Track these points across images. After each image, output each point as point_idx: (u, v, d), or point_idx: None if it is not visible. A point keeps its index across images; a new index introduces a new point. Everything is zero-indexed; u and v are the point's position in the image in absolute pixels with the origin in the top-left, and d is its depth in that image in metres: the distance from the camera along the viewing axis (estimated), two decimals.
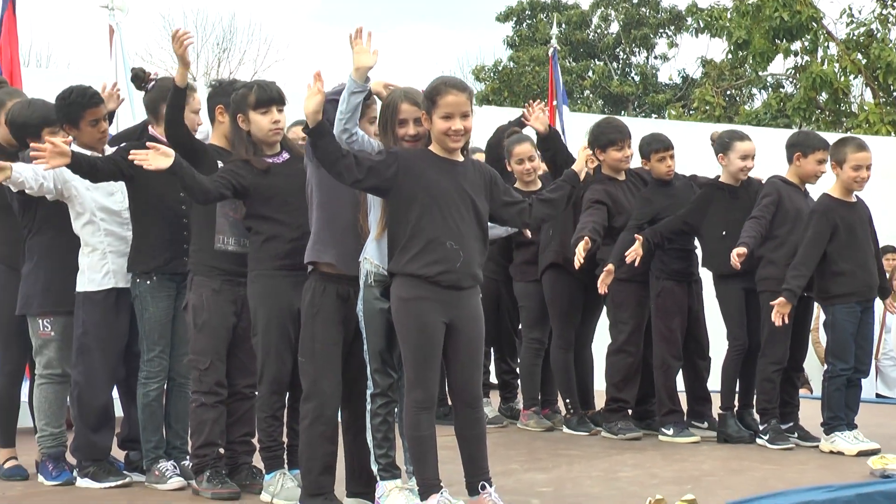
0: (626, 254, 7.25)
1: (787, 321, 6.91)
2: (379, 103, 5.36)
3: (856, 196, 7.08)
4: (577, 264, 7.15)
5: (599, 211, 7.49)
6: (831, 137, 7.55)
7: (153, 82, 6.16)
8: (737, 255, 6.95)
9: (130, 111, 8.55)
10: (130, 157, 5.25)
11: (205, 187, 5.37)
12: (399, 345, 5.05)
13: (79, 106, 6.04)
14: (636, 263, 7.26)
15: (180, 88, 5.70)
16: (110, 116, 6.36)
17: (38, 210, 6.16)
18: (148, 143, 5.30)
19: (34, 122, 6.15)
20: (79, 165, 5.64)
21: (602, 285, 7.30)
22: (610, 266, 7.28)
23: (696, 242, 7.63)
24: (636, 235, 7.28)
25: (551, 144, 7.66)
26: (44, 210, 6.14)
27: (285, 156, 5.69)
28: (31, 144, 5.65)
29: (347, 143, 4.98)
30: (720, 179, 7.60)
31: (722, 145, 7.53)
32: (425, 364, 4.91)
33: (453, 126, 4.97)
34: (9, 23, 8.33)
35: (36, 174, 5.84)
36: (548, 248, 7.84)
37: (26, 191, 5.90)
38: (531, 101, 7.63)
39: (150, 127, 6.18)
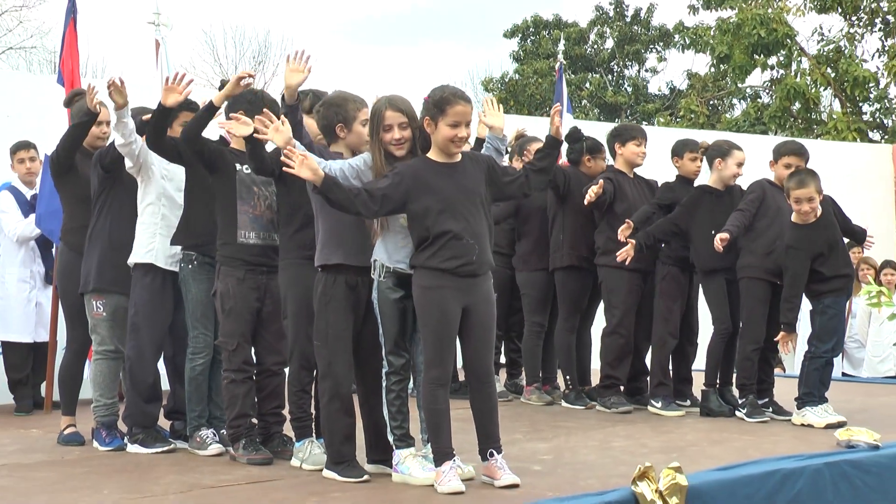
0: (617, 254, 7.28)
1: (794, 346, 6.89)
2: (368, 108, 5.33)
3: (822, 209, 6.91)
4: (587, 201, 7.30)
5: (609, 183, 7.53)
6: (805, 144, 7.52)
7: None
8: (720, 239, 6.94)
9: None
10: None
11: (264, 160, 5.42)
12: (409, 329, 5.09)
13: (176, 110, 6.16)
14: (626, 262, 7.27)
15: (214, 108, 5.79)
16: None
17: (108, 197, 6.26)
18: (233, 115, 5.41)
19: (136, 121, 6.22)
20: (165, 114, 5.81)
21: (622, 234, 7.29)
22: (630, 221, 7.29)
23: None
24: (629, 239, 7.27)
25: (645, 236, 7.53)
26: (111, 196, 6.25)
27: None
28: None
29: None
30: (708, 183, 7.56)
31: (721, 151, 7.52)
32: (443, 345, 4.89)
33: (459, 134, 4.94)
34: (70, 38, 8.33)
35: (133, 132, 5.96)
36: (559, 250, 7.84)
37: (118, 140, 5.98)
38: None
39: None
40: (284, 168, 4.85)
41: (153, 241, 6.11)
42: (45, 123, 8.47)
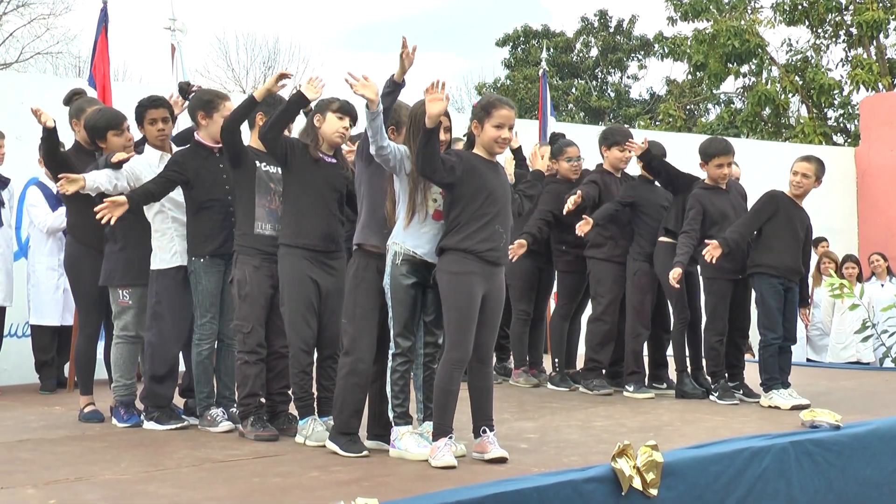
0: (634, 145, 7.46)
1: (714, 262, 6.87)
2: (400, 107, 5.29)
3: (803, 205, 7.08)
4: (566, 210, 7.37)
5: (593, 186, 7.58)
6: (773, 146, 7.56)
7: (193, 93, 6.18)
8: (673, 277, 6.97)
9: None
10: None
11: (275, 129, 5.44)
12: (418, 315, 5.07)
13: (142, 108, 6.20)
14: (639, 162, 7.44)
15: (255, 101, 5.70)
16: (173, 120, 6.40)
17: None
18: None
19: (101, 125, 6.28)
20: (137, 203, 5.77)
21: (580, 230, 7.37)
22: (588, 218, 7.38)
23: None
24: (645, 138, 7.48)
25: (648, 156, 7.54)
26: None
27: (334, 161, 5.66)
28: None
29: (382, 157, 4.89)
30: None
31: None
32: (466, 329, 4.87)
33: (502, 135, 5.01)
34: (101, 45, 8.32)
35: (109, 178, 5.95)
36: (563, 256, 7.94)
37: (104, 191, 5.93)
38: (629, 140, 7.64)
39: (195, 133, 6.16)
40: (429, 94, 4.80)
41: (173, 245, 6.04)
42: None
